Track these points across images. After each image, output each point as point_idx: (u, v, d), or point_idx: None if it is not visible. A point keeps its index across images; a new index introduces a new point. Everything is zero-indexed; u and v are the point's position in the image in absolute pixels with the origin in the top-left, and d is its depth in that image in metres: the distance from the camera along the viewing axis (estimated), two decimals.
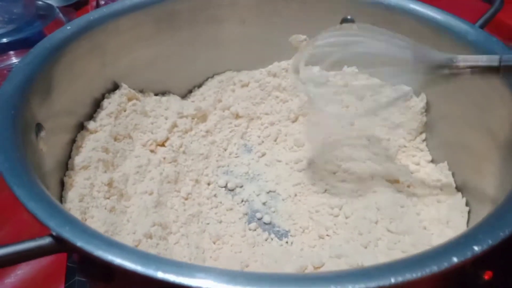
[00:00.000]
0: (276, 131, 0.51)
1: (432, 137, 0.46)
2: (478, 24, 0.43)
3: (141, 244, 0.35)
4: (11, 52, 0.60)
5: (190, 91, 0.54)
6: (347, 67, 0.51)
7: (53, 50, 0.38)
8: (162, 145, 0.46)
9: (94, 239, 0.22)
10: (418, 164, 0.45)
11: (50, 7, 0.68)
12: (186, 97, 0.54)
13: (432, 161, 0.45)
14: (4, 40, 0.61)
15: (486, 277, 0.31)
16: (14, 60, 0.59)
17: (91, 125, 0.42)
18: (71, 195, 0.36)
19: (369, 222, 0.39)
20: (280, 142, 0.50)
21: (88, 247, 0.22)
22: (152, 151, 0.45)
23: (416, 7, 0.44)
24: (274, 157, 0.48)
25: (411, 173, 0.44)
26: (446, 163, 0.43)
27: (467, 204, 0.39)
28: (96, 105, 0.44)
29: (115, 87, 0.46)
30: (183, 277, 0.20)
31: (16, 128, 0.30)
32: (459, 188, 0.41)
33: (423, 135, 0.47)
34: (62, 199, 0.36)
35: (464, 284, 0.27)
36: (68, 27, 0.41)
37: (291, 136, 0.50)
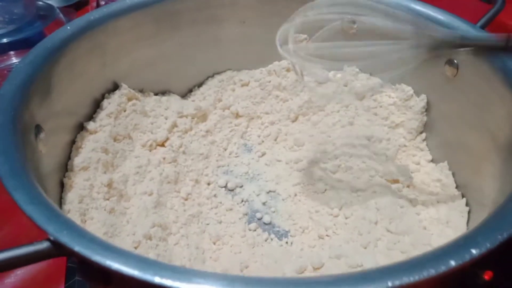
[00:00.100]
0: (276, 131, 0.51)
1: (432, 136, 0.46)
2: (479, 24, 0.43)
3: (140, 245, 0.35)
4: (12, 52, 0.60)
5: (190, 91, 0.54)
6: (348, 66, 0.51)
7: (53, 50, 0.38)
8: (162, 145, 0.46)
9: (92, 244, 0.22)
10: (418, 163, 0.45)
11: (50, 7, 0.68)
12: (186, 96, 0.54)
13: (432, 160, 0.45)
14: (5, 40, 0.61)
15: (486, 277, 0.31)
16: (14, 60, 0.59)
17: (90, 125, 0.42)
18: (71, 197, 0.36)
19: (368, 222, 0.39)
20: (280, 141, 0.50)
21: (86, 252, 0.22)
22: (152, 151, 0.45)
23: (417, 6, 0.44)
24: (274, 156, 0.48)
25: (411, 172, 0.44)
26: (446, 163, 0.43)
27: (467, 204, 0.39)
28: (96, 105, 0.44)
29: (115, 87, 0.46)
30: (180, 282, 0.20)
31: (15, 129, 0.30)
32: (459, 188, 0.41)
33: (423, 135, 0.47)
34: (61, 200, 0.36)
35: (464, 284, 0.27)
36: (68, 27, 0.41)
37: (291, 136, 0.50)
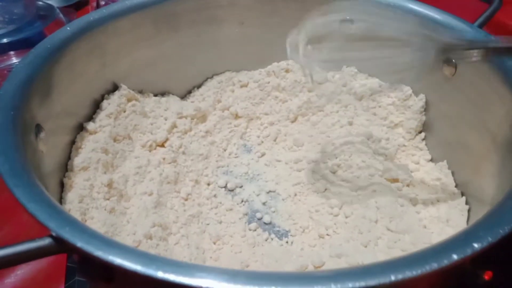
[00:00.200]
0: (275, 131, 0.51)
1: (431, 136, 0.46)
2: (477, 23, 0.43)
3: (141, 245, 0.35)
4: (12, 52, 0.60)
5: (190, 92, 0.54)
6: (346, 66, 0.51)
7: (53, 50, 0.38)
8: (162, 145, 0.46)
9: (94, 240, 0.22)
10: (418, 163, 0.45)
11: (50, 7, 0.68)
12: (186, 97, 0.54)
13: (432, 160, 0.45)
14: (5, 40, 0.61)
15: (486, 277, 0.31)
16: (14, 60, 0.59)
17: (90, 126, 0.42)
18: (71, 196, 0.36)
19: (369, 221, 0.39)
20: (279, 142, 0.50)
21: (88, 248, 0.22)
22: (152, 151, 0.45)
23: (415, 6, 0.44)
24: (273, 157, 0.48)
25: (411, 172, 0.44)
26: (445, 162, 0.43)
27: (467, 202, 0.39)
28: (96, 106, 0.44)
29: (115, 88, 0.46)
30: (183, 276, 0.20)
31: (15, 129, 0.30)
32: (458, 187, 0.41)
33: (423, 134, 0.47)
34: (61, 200, 0.35)
35: (464, 284, 0.27)
36: (68, 28, 0.41)
37: (291, 136, 0.50)
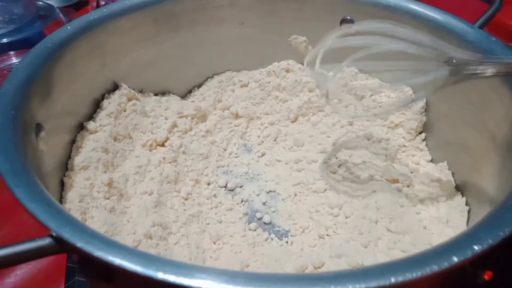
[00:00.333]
0: (276, 131, 0.51)
1: (431, 136, 0.46)
2: (477, 24, 0.43)
3: (141, 245, 0.35)
4: (12, 52, 0.60)
5: (190, 91, 0.54)
6: (347, 67, 0.51)
7: (53, 50, 0.38)
8: (162, 145, 0.46)
9: (94, 240, 0.22)
10: (418, 163, 0.45)
11: (50, 7, 0.69)
12: (186, 97, 0.54)
13: (432, 160, 0.45)
14: (5, 40, 0.61)
15: (486, 277, 0.31)
16: (14, 60, 0.59)
17: (91, 125, 0.42)
18: (71, 196, 0.36)
19: (369, 222, 0.39)
20: (280, 142, 0.50)
21: (88, 248, 0.22)
22: (152, 151, 0.45)
23: (415, 7, 0.44)
24: (274, 157, 0.48)
25: (411, 172, 0.44)
26: (445, 162, 0.43)
27: (467, 203, 0.39)
28: (96, 105, 0.44)
29: (115, 87, 0.46)
30: (183, 277, 0.20)
31: (16, 128, 0.30)
32: (458, 187, 0.41)
33: (423, 135, 0.47)
34: (62, 199, 0.36)
35: (464, 284, 0.27)
36: (68, 27, 0.41)
37: (291, 136, 0.50)
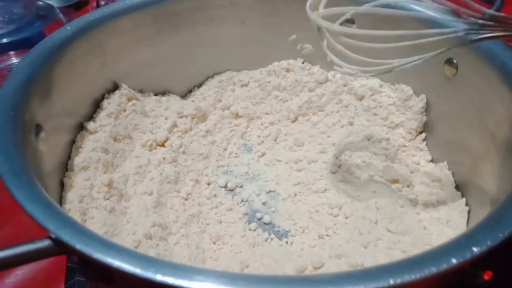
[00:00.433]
0: (276, 131, 0.51)
1: (432, 136, 0.46)
2: None
3: (141, 245, 0.35)
4: (11, 52, 0.60)
5: (190, 91, 0.54)
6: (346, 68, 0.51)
7: (53, 50, 0.38)
8: (162, 145, 0.46)
9: (93, 242, 0.22)
10: (418, 163, 0.45)
11: (50, 7, 0.69)
12: (186, 97, 0.54)
13: (432, 160, 0.45)
14: (5, 40, 0.61)
15: (486, 277, 0.31)
16: (14, 60, 0.59)
17: (91, 125, 0.42)
18: (71, 196, 0.36)
19: (369, 222, 0.39)
20: (280, 141, 0.50)
21: (87, 250, 0.22)
22: (152, 151, 0.45)
23: (416, 7, 0.44)
24: (274, 156, 0.48)
25: (411, 172, 0.44)
26: (445, 162, 0.43)
27: (467, 203, 0.39)
28: (96, 105, 0.44)
29: (115, 87, 0.46)
30: (182, 279, 0.20)
31: (16, 129, 0.30)
32: (458, 187, 0.41)
33: (423, 135, 0.47)
34: (61, 200, 0.36)
35: (464, 284, 0.27)
36: (68, 27, 0.41)
37: (291, 136, 0.50)
